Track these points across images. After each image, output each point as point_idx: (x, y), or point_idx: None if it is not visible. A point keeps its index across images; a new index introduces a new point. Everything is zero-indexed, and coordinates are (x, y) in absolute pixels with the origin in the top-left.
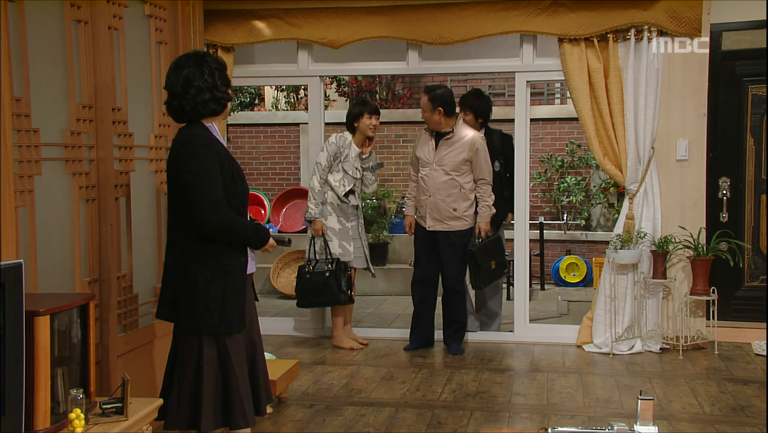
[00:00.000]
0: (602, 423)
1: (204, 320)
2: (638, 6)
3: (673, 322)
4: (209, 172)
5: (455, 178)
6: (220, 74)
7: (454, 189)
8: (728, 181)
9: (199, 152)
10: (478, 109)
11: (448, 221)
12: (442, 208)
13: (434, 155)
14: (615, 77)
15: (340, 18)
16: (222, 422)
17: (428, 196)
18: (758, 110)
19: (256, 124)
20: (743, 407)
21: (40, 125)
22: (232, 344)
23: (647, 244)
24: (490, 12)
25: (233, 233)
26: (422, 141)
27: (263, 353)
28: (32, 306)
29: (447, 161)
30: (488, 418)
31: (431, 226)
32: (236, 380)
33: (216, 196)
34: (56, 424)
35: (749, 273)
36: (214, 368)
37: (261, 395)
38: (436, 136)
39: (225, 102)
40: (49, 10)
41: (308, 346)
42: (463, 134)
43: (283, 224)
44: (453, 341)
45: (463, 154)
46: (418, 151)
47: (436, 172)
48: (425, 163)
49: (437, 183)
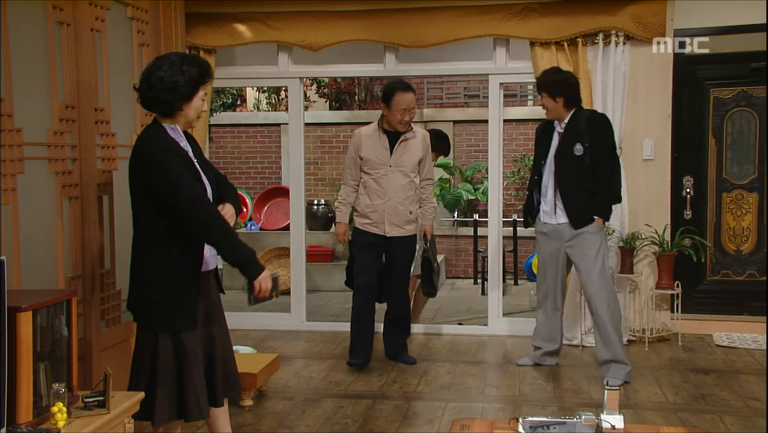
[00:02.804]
0: (571, 412)
1: (153, 316)
2: (606, 12)
3: (640, 315)
4: (175, 174)
5: (413, 180)
6: (185, 81)
7: (411, 191)
8: (691, 180)
9: (159, 159)
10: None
11: (404, 225)
12: (400, 212)
13: (392, 156)
14: (584, 80)
15: (319, 21)
16: (176, 414)
17: (386, 200)
18: (719, 112)
19: (238, 125)
20: (704, 395)
21: (23, 125)
22: (188, 340)
23: (615, 240)
24: (464, 16)
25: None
26: (368, 141)
27: (226, 346)
28: (15, 302)
29: (406, 162)
30: (462, 409)
31: (390, 232)
32: (191, 374)
33: (195, 193)
34: (39, 417)
35: (711, 268)
36: (169, 362)
37: (217, 387)
38: (389, 136)
39: (166, 106)
40: (32, 12)
41: (288, 340)
42: (416, 133)
43: (265, 222)
44: (405, 352)
45: (419, 154)
46: (365, 152)
47: (394, 174)
48: (377, 165)
49: (396, 186)
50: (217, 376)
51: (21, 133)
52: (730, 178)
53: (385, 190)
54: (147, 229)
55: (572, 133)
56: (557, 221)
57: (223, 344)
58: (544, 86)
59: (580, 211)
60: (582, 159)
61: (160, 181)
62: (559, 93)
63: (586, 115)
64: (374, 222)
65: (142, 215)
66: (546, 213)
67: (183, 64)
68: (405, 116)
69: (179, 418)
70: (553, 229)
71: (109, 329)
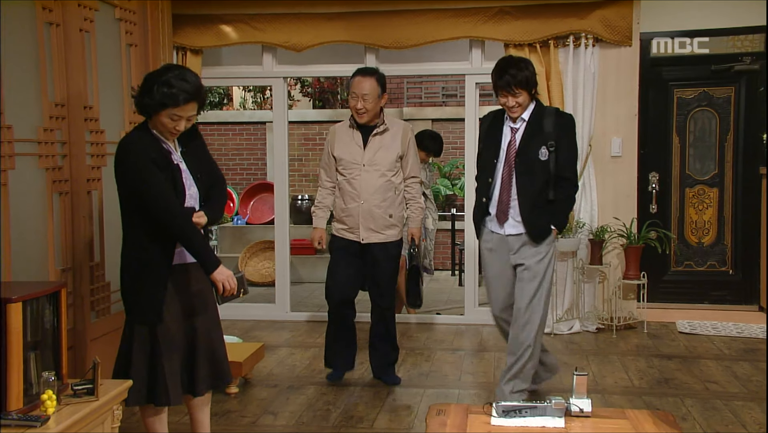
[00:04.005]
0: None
1: (126, 306)
2: (576, 15)
3: (608, 304)
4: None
5: (391, 180)
6: (155, 96)
7: (389, 192)
8: (657, 176)
9: (133, 164)
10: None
11: (383, 230)
12: (377, 215)
13: (364, 154)
14: (556, 80)
15: (302, 23)
16: (146, 399)
17: (360, 202)
18: (682, 112)
19: (225, 123)
20: (667, 379)
21: (13, 122)
22: (161, 330)
23: (585, 233)
24: (442, 19)
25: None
26: (341, 138)
27: (213, 338)
28: (5, 294)
29: (381, 160)
30: (439, 395)
31: (366, 238)
32: (162, 361)
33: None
34: (29, 405)
35: (675, 259)
36: (144, 349)
37: (198, 376)
38: (361, 131)
39: (144, 114)
40: (22, 12)
41: (274, 330)
42: (393, 126)
43: (251, 216)
44: (391, 372)
45: (396, 150)
46: (338, 150)
47: (368, 173)
48: (350, 165)
49: (371, 187)
50: (199, 366)
51: (11, 130)
52: (693, 174)
53: (359, 192)
54: (124, 222)
55: (536, 133)
56: (506, 232)
57: (208, 336)
58: (523, 82)
59: (540, 223)
60: (546, 165)
61: (126, 178)
62: (534, 86)
63: (551, 113)
64: (350, 228)
65: (122, 210)
66: (492, 221)
67: (163, 78)
68: (357, 103)
69: (149, 402)
70: (499, 241)
71: (99, 319)
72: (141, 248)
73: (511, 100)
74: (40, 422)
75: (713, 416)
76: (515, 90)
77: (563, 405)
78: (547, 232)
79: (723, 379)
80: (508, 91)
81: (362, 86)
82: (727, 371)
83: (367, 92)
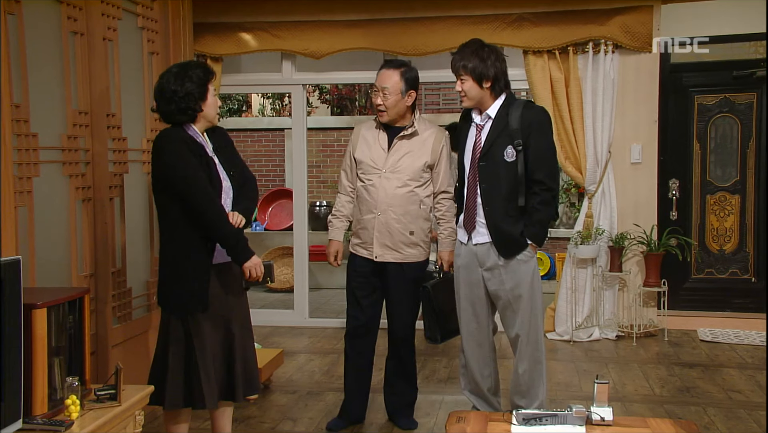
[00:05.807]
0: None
1: (164, 301)
2: (595, 21)
3: (628, 311)
4: (176, 159)
5: (415, 191)
6: (195, 85)
7: (412, 205)
8: (677, 183)
9: (173, 150)
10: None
11: (402, 248)
12: (395, 230)
13: (386, 158)
14: (575, 87)
15: (321, 30)
16: (184, 402)
17: (376, 214)
18: (703, 118)
19: (244, 129)
20: (689, 388)
21: (38, 130)
22: (194, 328)
23: (605, 240)
24: (460, 26)
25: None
26: (365, 138)
27: (246, 344)
28: (30, 300)
29: (404, 167)
30: (458, 402)
31: (380, 255)
32: (197, 362)
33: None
34: (53, 409)
35: (696, 266)
36: (180, 349)
37: (236, 382)
38: (388, 132)
39: (189, 112)
40: (47, 22)
41: (292, 336)
42: (425, 130)
43: (269, 222)
44: (409, 413)
45: (425, 158)
46: (359, 152)
47: (389, 180)
48: (370, 169)
49: (389, 197)
50: (237, 372)
51: (36, 137)
52: (714, 180)
53: (375, 201)
54: (162, 216)
55: (501, 131)
56: (473, 241)
57: (243, 343)
58: (464, 67)
59: (509, 234)
60: (513, 166)
61: (166, 168)
62: (486, 75)
63: (518, 107)
64: (363, 242)
65: (159, 204)
66: (460, 228)
67: (186, 70)
68: (377, 98)
69: (187, 406)
70: (467, 254)
71: (121, 325)
72: (181, 239)
73: (458, 84)
74: (65, 426)
75: (737, 426)
76: (461, 73)
77: (584, 413)
78: (518, 244)
79: (746, 388)
80: (456, 75)
81: (382, 79)
82: (750, 380)
83: (387, 86)
